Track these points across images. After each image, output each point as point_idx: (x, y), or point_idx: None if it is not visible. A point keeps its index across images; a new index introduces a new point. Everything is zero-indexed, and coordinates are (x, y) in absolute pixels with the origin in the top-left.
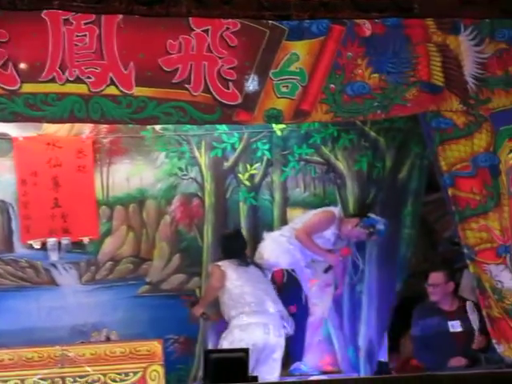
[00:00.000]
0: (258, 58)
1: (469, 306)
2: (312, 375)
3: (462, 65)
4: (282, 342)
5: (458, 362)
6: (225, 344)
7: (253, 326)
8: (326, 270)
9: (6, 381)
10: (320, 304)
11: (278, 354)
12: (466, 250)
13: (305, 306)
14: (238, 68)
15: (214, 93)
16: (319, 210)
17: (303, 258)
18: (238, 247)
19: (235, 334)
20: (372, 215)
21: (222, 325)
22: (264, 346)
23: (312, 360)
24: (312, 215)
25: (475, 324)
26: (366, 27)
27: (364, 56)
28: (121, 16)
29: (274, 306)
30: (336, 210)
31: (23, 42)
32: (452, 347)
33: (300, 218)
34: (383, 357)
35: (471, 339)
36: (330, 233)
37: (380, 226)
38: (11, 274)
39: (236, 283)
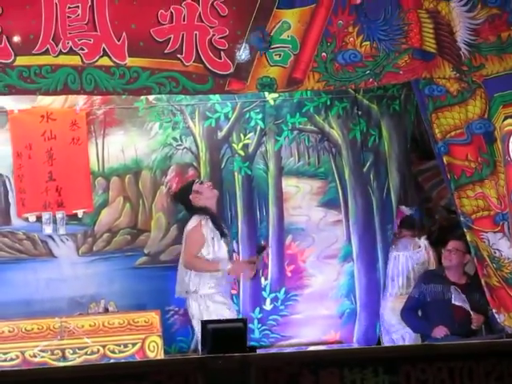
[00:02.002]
0: (249, 26)
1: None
2: None
3: (454, 31)
4: None
5: (440, 331)
6: None
7: None
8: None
9: (6, 353)
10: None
11: None
12: (462, 218)
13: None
14: (230, 37)
15: (205, 62)
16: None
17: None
18: None
19: None
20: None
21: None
22: None
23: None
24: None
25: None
26: None
27: (355, 24)
28: None
29: None
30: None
31: (16, 14)
32: (449, 319)
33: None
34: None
35: (470, 317)
36: None
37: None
38: (9, 246)
39: None
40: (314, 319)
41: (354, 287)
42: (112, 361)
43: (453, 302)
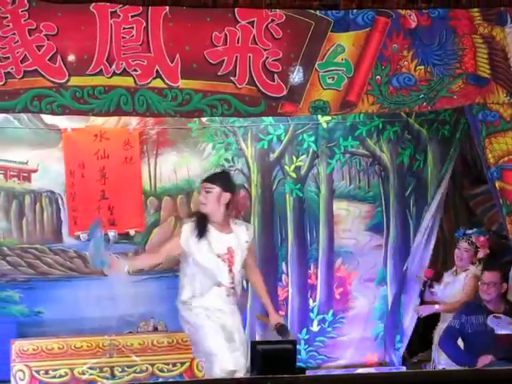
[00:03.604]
0: (303, 49)
1: None
2: None
3: (508, 57)
4: None
5: (486, 359)
6: None
7: None
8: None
9: (56, 370)
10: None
11: None
12: None
13: None
14: (283, 60)
15: (258, 85)
16: None
17: None
18: None
19: None
20: None
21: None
22: None
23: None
24: None
25: None
26: (412, 19)
27: (410, 48)
28: (167, 8)
29: None
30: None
31: (71, 34)
32: (494, 348)
33: None
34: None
35: None
36: None
37: None
38: (60, 264)
39: None
40: (356, 341)
41: (386, 310)
42: (160, 379)
43: (496, 331)
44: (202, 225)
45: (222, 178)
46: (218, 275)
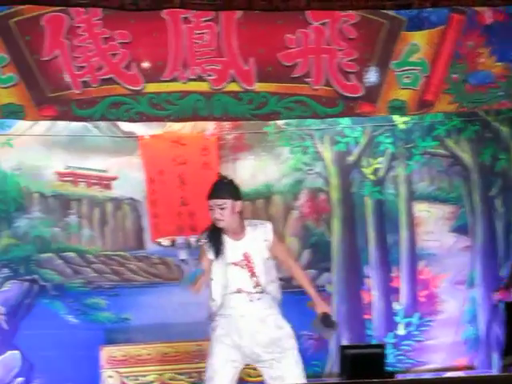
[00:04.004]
0: (377, 49)
1: None
2: None
3: None
4: None
5: None
6: None
7: None
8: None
9: (145, 375)
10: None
11: None
12: None
13: None
14: (358, 60)
15: (335, 86)
16: None
17: None
18: None
19: None
20: None
21: (354, 320)
22: None
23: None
24: None
25: None
26: (487, 15)
27: (486, 45)
28: (239, 12)
29: None
30: None
31: (144, 41)
32: None
33: None
34: None
35: None
36: None
37: None
38: (144, 271)
39: None
40: (445, 345)
41: (476, 314)
42: None
43: None
44: (218, 242)
45: (230, 190)
46: (237, 283)
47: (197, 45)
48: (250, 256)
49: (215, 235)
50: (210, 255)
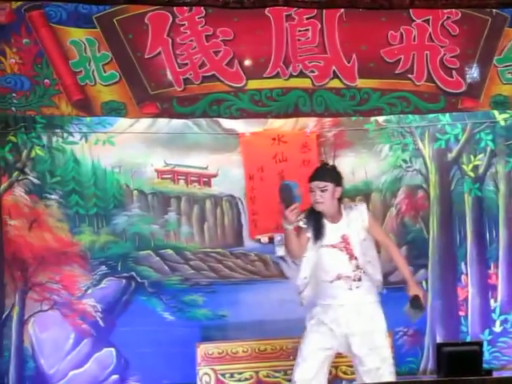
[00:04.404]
0: (480, 45)
1: None
2: None
3: None
4: None
5: None
6: None
7: None
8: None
9: (241, 373)
10: None
11: None
12: None
13: None
14: (461, 56)
15: (437, 81)
16: None
17: None
18: None
19: None
20: None
21: (448, 316)
22: None
23: None
24: None
25: None
26: None
27: None
28: (342, 10)
29: None
30: None
31: (247, 39)
32: None
33: None
34: None
35: None
36: None
37: None
38: (241, 268)
39: None
40: None
41: None
42: (344, 382)
43: None
44: (317, 225)
45: (332, 174)
46: (336, 266)
47: (299, 41)
48: (349, 238)
49: (315, 218)
50: (309, 234)
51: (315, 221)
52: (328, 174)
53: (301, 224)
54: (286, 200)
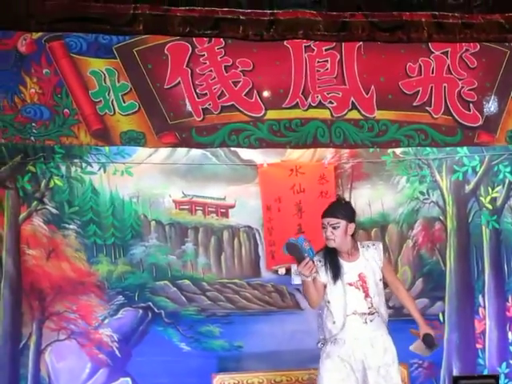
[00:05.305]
0: (498, 78)
1: None
2: None
3: None
4: None
5: None
6: None
7: None
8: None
9: None
10: None
11: None
12: None
13: None
14: (479, 89)
15: (454, 114)
16: None
17: None
18: None
19: None
20: None
21: (465, 349)
22: None
23: None
24: None
25: None
26: None
27: None
28: (361, 42)
29: None
30: None
31: (266, 70)
32: None
33: None
34: None
35: None
36: None
37: None
38: (258, 299)
39: None
40: None
41: None
42: None
43: None
44: (333, 264)
45: (345, 210)
46: (353, 304)
47: (318, 72)
48: (365, 277)
49: (331, 257)
50: (323, 278)
51: (332, 260)
52: (340, 210)
53: (316, 275)
54: (295, 256)
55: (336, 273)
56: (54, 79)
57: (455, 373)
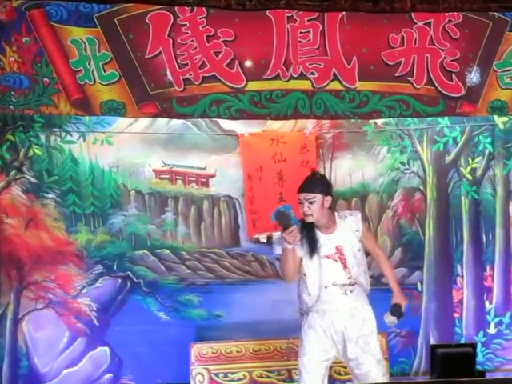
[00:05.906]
0: (480, 49)
1: None
2: None
3: None
4: None
5: None
6: None
7: None
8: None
9: (234, 373)
10: None
11: None
12: None
13: None
14: (461, 60)
15: (437, 85)
16: None
17: None
18: None
19: None
20: None
21: (443, 318)
22: None
23: None
24: None
25: None
26: None
27: None
28: (344, 12)
29: None
30: None
31: (248, 40)
32: None
33: None
34: None
35: None
36: None
37: None
38: (238, 268)
39: None
40: None
41: None
42: (337, 383)
43: None
44: (310, 238)
45: (321, 184)
46: (331, 276)
47: (300, 43)
48: (343, 248)
49: (308, 231)
50: (299, 252)
51: (308, 234)
52: (315, 184)
53: (296, 246)
54: (282, 224)
55: (312, 247)
56: (33, 48)
57: (432, 341)
